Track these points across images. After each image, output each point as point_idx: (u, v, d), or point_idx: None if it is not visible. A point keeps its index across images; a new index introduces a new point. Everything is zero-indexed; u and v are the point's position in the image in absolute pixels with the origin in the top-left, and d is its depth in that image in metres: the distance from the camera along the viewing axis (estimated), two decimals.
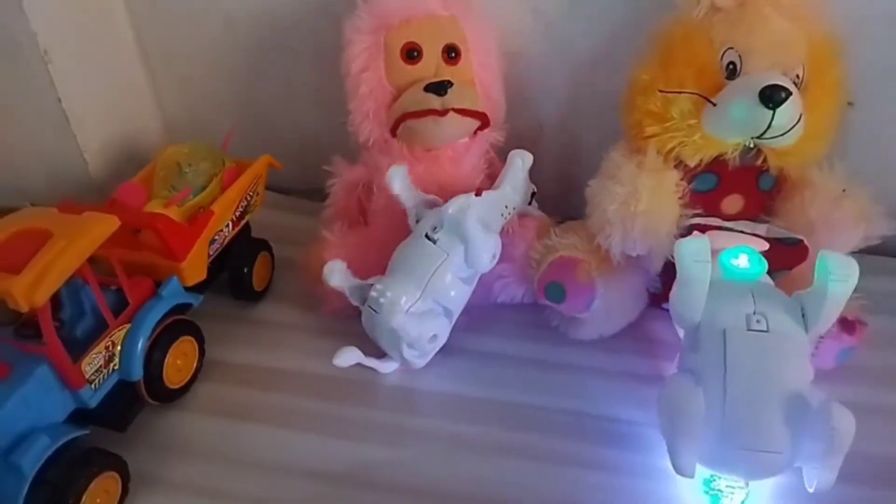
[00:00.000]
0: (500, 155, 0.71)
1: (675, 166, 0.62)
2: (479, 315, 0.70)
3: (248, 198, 0.72)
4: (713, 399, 0.50)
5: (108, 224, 0.55)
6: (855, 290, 0.64)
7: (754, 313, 0.51)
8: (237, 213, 0.71)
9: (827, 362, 0.63)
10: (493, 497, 0.57)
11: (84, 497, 0.52)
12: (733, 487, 0.53)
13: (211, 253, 0.68)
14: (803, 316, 0.52)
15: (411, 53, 0.66)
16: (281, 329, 0.72)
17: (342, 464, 0.59)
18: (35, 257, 0.51)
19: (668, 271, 0.63)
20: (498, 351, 0.69)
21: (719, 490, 0.53)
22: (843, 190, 0.63)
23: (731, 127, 0.59)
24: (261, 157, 0.73)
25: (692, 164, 0.61)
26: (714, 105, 0.59)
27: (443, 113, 0.64)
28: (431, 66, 0.66)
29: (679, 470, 0.50)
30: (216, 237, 0.68)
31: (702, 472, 0.53)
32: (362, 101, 0.67)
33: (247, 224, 0.75)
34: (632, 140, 0.65)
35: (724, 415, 0.49)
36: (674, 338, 0.68)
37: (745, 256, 0.56)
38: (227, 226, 0.70)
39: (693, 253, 0.50)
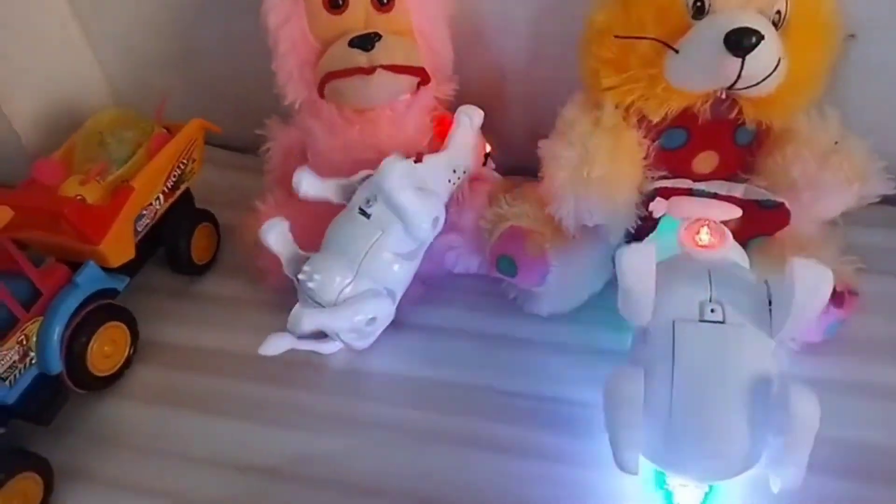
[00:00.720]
0: (454, 109, 0.64)
1: (639, 121, 0.55)
2: (433, 285, 0.65)
3: (182, 166, 0.67)
4: (660, 396, 0.44)
5: None
6: (853, 249, 0.57)
7: (710, 300, 0.45)
8: (168, 184, 0.66)
9: (813, 335, 0.57)
10: (441, 492, 0.53)
11: None
12: (687, 485, 0.48)
13: (139, 229, 0.63)
14: (770, 304, 0.45)
15: (335, 2, 0.58)
16: (225, 305, 0.68)
17: (281, 456, 0.56)
18: None
19: (636, 235, 0.56)
20: (453, 325, 0.64)
21: (671, 488, 0.48)
22: (836, 143, 0.54)
23: (695, 77, 0.51)
24: (192, 120, 0.67)
25: (656, 119, 0.53)
26: (676, 52, 0.50)
27: (370, 71, 0.57)
28: (360, 15, 0.58)
29: (620, 465, 0.45)
30: (144, 212, 0.63)
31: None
32: (284, 59, 0.59)
33: (186, 193, 0.69)
34: (588, 92, 0.57)
35: (671, 414, 0.44)
36: None
37: (704, 230, 0.49)
38: (158, 199, 0.65)
39: (635, 268, 0.43)
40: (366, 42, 0.56)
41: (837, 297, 0.55)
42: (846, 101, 0.55)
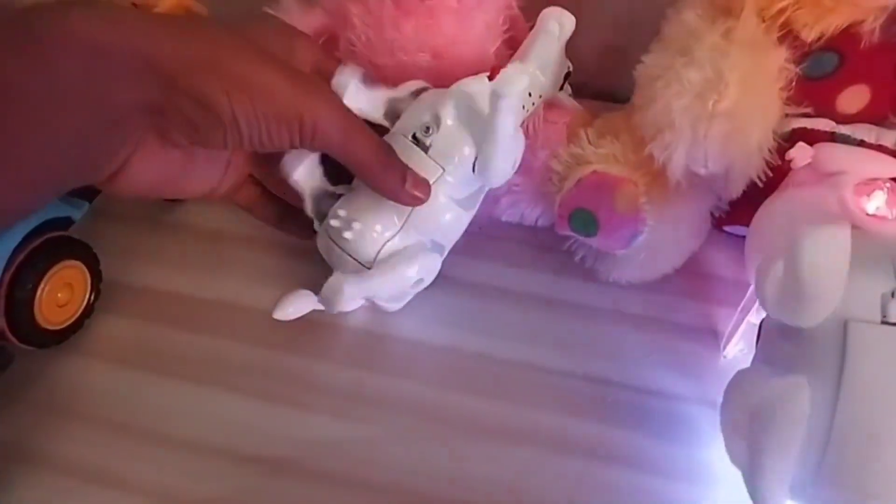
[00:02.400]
0: (528, 13, 0.49)
1: (780, 38, 0.41)
2: (476, 233, 0.52)
3: None
4: (815, 416, 0.33)
5: None
6: None
7: (893, 295, 0.33)
8: None
9: None
10: (480, 496, 0.42)
11: None
12: None
13: None
14: None
15: None
16: (210, 239, 0.54)
17: (283, 443, 0.45)
18: None
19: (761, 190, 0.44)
20: (501, 285, 0.51)
21: None
22: None
23: None
24: None
25: (811, 37, 0.40)
26: None
27: None
28: None
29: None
30: None
31: None
32: None
33: None
34: None
35: (830, 442, 0.33)
36: (737, 273, 0.51)
37: (882, 195, 0.37)
38: None
39: (823, 265, 0.31)
40: None
41: None
42: None
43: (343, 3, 0.46)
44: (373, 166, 0.38)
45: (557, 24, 0.44)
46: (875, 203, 0.36)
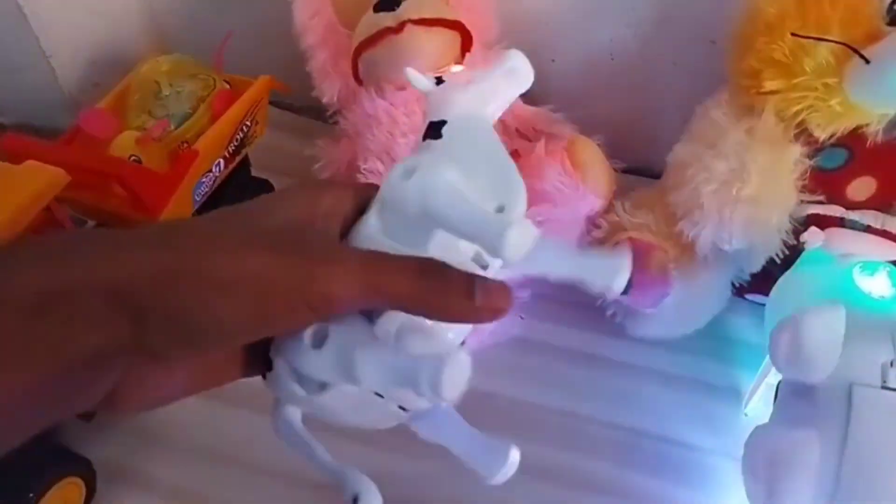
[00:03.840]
0: None
1: (796, 135, 0.47)
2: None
3: (245, 128, 0.58)
4: (824, 466, 0.38)
5: (51, 181, 0.42)
6: None
7: (893, 364, 0.39)
8: (230, 149, 0.57)
9: None
10: None
11: None
12: None
13: (197, 199, 0.55)
14: None
15: None
16: None
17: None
18: None
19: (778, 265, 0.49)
20: (534, 337, 0.57)
21: None
22: None
23: (884, 95, 0.44)
24: (260, 77, 0.59)
25: (823, 136, 0.46)
26: (867, 63, 0.43)
27: (398, 29, 0.51)
28: None
29: None
30: (203, 179, 0.55)
31: None
32: (315, 53, 0.55)
33: (245, 159, 0.61)
34: (739, 93, 0.49)
35: (838, 492, 0.38)
36: (758, 337, 0.56)
37: (885, 276, 0.42)
38: (218, 164, 0.57)
39: (820, 339, 0.37)
40: (391, 2, 0.51)
41: None
42: None
43: (350, 117, 0.55)
44: (423, 297, 0.27)
45: (526, 69, 0.29)
46: (883, 284, 0.42)
